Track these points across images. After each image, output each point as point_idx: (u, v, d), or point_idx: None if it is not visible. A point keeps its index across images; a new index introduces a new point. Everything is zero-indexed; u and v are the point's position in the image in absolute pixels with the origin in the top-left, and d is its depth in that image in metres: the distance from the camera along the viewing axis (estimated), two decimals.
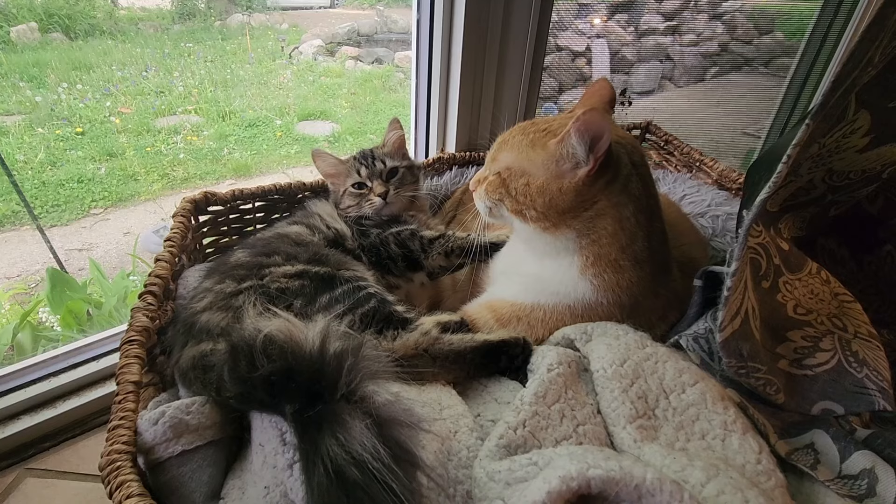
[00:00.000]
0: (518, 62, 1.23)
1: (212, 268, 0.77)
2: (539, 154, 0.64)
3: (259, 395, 0.50)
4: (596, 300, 0.66)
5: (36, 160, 2.16)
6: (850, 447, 0.54)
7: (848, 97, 0.58)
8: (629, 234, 0.64)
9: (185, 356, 0.60)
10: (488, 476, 0.46)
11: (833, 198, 0.74)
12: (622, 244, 0.64)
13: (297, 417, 0.47)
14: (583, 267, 0.66)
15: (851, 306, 0.66)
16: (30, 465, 0.84)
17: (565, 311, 0.68)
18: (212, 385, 0.55)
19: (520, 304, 0.71)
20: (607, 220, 0.64)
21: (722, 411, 0.53)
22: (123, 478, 0.46)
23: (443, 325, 0.66)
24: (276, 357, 0.49)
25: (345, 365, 0.48)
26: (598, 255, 0.65)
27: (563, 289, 0.68)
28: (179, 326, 0.65)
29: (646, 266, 0.66)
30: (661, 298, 0.69)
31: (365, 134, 2.99)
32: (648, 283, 0.67)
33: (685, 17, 3.06)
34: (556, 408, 0.54)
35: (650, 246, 0.66)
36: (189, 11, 3.05)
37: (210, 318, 0.62)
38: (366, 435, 0.43)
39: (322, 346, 0.50)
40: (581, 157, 0.61)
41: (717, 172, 1.12)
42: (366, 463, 0.41)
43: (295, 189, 0.99)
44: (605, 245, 0.64)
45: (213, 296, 0.66)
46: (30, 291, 1.71)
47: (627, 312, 0.67)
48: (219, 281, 0.69)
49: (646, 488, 0.38)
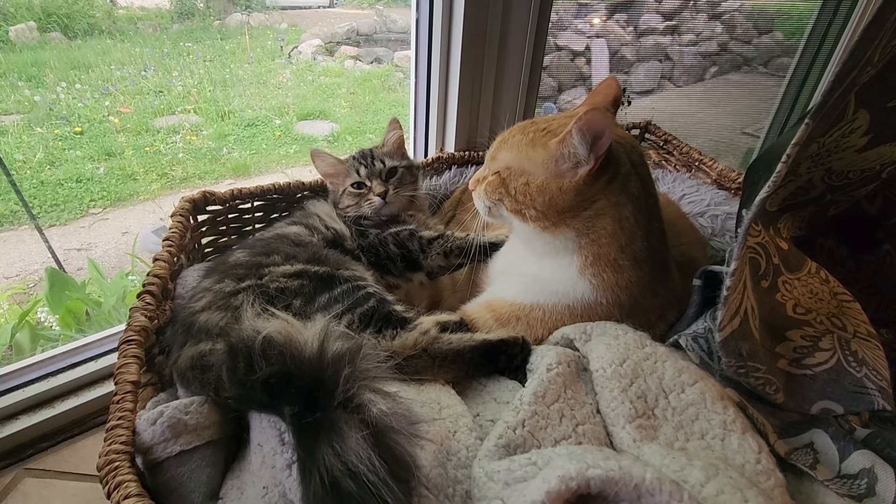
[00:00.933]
0: (517, 62, 1.23)
1: (211, 267, 0.77)
2: (539, 153, 0.64)
3: (258, 396, 0.50)
4: (595, 300, 0.66)
5: (34, 160, 2.16)
6: (849, 447, 0.54)
7: (847, 97, 0.58)
8: (628, 234, 0.64)
9: (184, 356, 0.60)
10: (487, 476, 0.46)
11: (832, 197, 0.74)
12: (621, 244, 0.64)
13: (295, 421, 0.47)
14: (582, 266, 0.66)
15: (850, 306, 0.66)
16: (28, 466, 0.83)
17: (564, 310, 0.68)
18: (210, 385, 0.55)
19: (519, 303, 0.71)
20: (606, 220, 0.64)
21: (721, 411, 0.53)
22: (122, 478, 0.45)
23: (442, 325, 0.66)
24: (274, 360, 0.49)
25: (342, 373, 0.48)
26: (598, 255, 0.65)
27: (563, 288, 0.68)
28: (178, 326, 0.65)
29: (645, 266, 0.66)
30: (660, 298, 0.69)
31: (364, 133, 2.99)
32: (648, 283, 0.67)
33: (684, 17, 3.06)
34: (555, 407, 0.54)
35: (649, 245, 0.65)
36: (188, 11, 3.05)
37: (209, 317, 0.62)
38: (362, 446, 0.43)
39: (321, 348, 0.50)
40: (582, 157, 0.60)
41: (716, 172, 1.12)
42: (361, 475, 0.41)
43: (294, 189, 0.99)
44: (605, 245, 0.64)
45: (212, 295, 0.66)
46: (28, 291, 1.71)
47: (627, 312, 0.67)
48: (218, 280, 0.69)
49: (645, 488, 0.38)
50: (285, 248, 0.76)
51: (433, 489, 0.47)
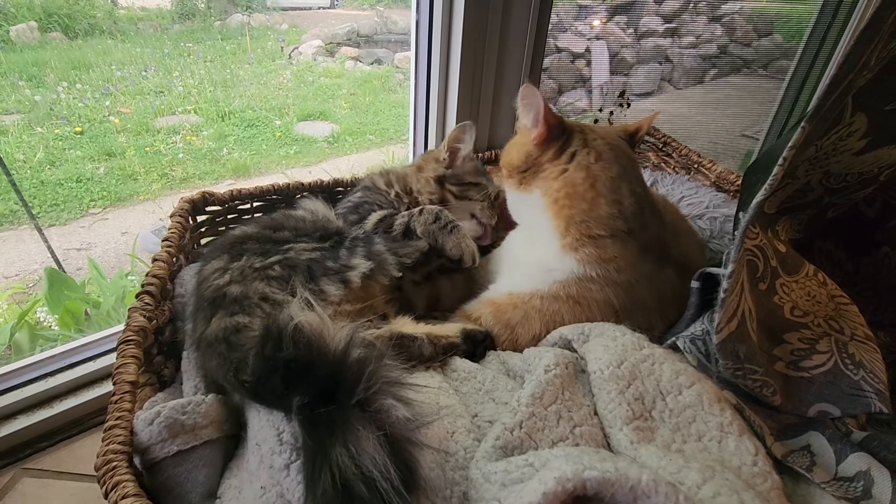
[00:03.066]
0: (517, 63, 1.23)
1: (212, 249, 0.74)
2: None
3: (273, 382, 0.50)
4: (585, 273, 0.69)
5: (35, 159, 2.16)
6: (846, 449, 0.54)
7: (844, 100, 0.58)
8: (588, 200, 0.72)
9: (215, 326, 0.59)
10: (484, 477, 0.46)
11: (830, 200, 0.74)
12: (583, 208, 0.72)
13: (304, 411, 0.46)
14: (563, 235, 0.72)
15: (848, 308, 0.66)
16: (26, 465, 0.83)
17: (559, 290, 0.70)
18: (231, 365, 0.54)
19: (518, 293, 0.73)
20: (559, 182, 0.75)
21: (718, 413, 0.53)
22: (119, 478, 0.45)
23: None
24: (302, 347, 0.50)
25: (366, 370, 0.48)
26: (570, 219, 0.72)
27: (553, 263, 0.72)
28: (203, 302, 0.63)
29: (629, 244, 0.70)
30: (656, 286, 0.71)
31: (364, 135, 2.99)
32: (636, 263, 0.69)
33: (684, 19, 3.07)
34: (552, 409, 0.54)
35: (625, 221, 0.71)
36: (189, 11, 3.05)
37: (245, 289, 0.61)
38: (378, 451, 0.42)
39: (346, 349, 0.50)
40: (528, 123, 0.79)
41: (715, 174, 1.12)
42: (375, 482, 0.41)
43: (293, 189, 0.99)
44: (568, 206, 0.73)
45: (236, 272, 0.64)
46: (28, 291, 1.71)
47: (623, 296, 0.68)
48: (233, 258, 0.67)
49: (641, 490, 0.38)
50: (292, 223, 0.75)
51: (431, 491, 0.47)
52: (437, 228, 0.77)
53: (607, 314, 0.69)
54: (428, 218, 0.78)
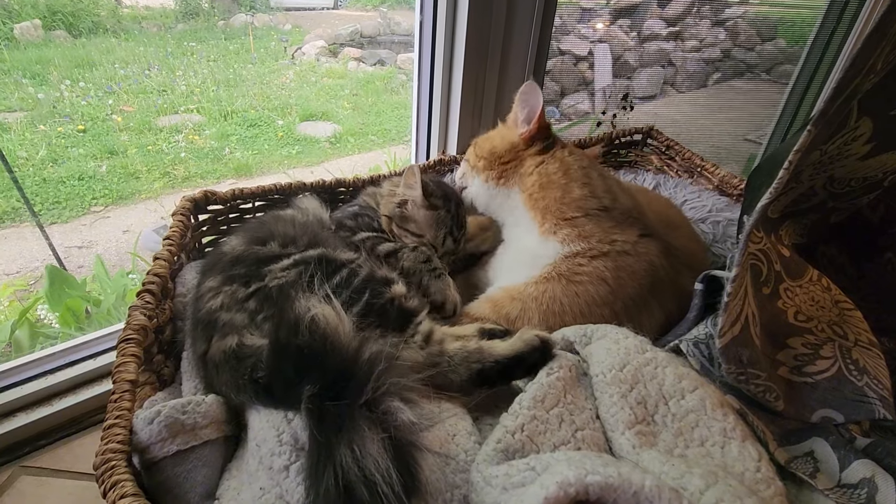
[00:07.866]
0: (520, 66, 1.23)
1: (208, 263, 0.74)
2: (500, 127, 0.93)
3: (286, 370, 0.50)
4: (571, 251, 0.74)
5: (37, 157, 2.16)
6: (849, 456, 0.54)
7: (850, 104, 0.58)
8: (560, 187, 0.79)
9: (216, 349, 0.59)
10: (485, 481, 0.46)
11: (834, 205, 0.74)
12: (556, 196, 0.78)
13: (314, 402, 0.46)
14: (541, 223, 0.78)
15: (852, 314, 0.66)
16: (25, 463, 0.83)
17: (550, 271, 0.73)
18: (245, 373, 0.55)
19: (513, 286, 0.75)
20: (534, 177, 0.81)
21: (721, 418, 0.53)
22: (118, 477, 0.45)
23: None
24: (317, 338, 0.50)
25: (376, 370, 0.48)
26: (545, 210, 0.78)
27: (540, 249, 0.77)
28: (197, 323, 0.64)
29: (603, 220, 0.75)
30: (643, 258, 0.73)
31: (366, 135, 2.99)
32: (615, 233, 0.74)
33: (688, 23, 3.07)
34: (554, 412, 0.54)
35: (598, 201, 0.76)
36: (192, 11, 3.06)
37: (232, 317, 0.62)
38: (381, 455, 0.42)
39: (359, 347, 0.51)
40: (520, 119, 0.87)
41: (718, 178, 1.12)
42: (377, 485, 0.41)
43: (295, 189, 0.98)
44: (542, 198, 0.79)
45: (226, 297, 0.64)
46: (29, 288, 1.71)
47: (611, 266, 0.71)
48: (225, 281, 0.66)
49: (644, 495, 0.38)
50: (280, 229, 0.74)
51: (431, 494, 0.46)
52: (425, 269, 0.78)
53: (600, 288, 0.70)
54: (419, 256, 0.79)
